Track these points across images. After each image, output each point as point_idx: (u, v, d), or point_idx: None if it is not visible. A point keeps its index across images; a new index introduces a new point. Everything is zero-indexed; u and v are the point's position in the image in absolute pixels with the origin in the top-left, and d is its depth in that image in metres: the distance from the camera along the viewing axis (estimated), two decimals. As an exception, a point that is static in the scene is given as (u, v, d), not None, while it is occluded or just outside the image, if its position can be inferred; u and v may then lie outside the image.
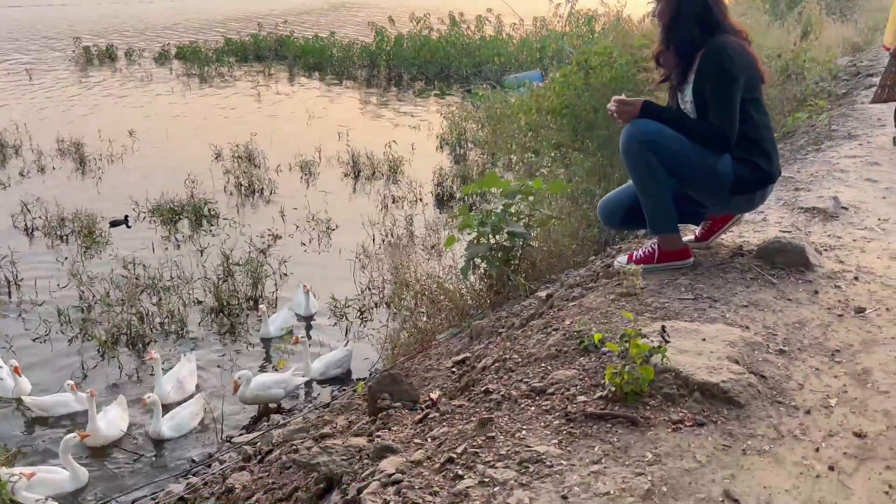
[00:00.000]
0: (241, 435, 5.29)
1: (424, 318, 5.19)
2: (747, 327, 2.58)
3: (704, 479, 1.87)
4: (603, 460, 1.95)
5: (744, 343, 2.43)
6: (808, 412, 2.16)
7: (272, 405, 5.74)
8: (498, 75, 17.46)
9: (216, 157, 11.61)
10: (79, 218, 8.76)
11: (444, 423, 2.31)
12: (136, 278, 7.25)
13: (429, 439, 2.24)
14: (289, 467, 3.20)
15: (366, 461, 2.24)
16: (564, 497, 1.81)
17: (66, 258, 7.87)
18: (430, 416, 2.43)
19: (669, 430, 2.05)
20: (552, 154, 7.65)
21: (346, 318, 6.84)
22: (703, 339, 2.43)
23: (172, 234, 8.80)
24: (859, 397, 2.23)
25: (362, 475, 2.15)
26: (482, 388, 2.46)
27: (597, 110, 6.63)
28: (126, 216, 9.08)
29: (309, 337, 6.52)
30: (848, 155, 5.12)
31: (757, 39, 8.53)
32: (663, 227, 3.17)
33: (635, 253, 3.28)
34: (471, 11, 23.33)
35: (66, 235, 8.64)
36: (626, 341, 2.22)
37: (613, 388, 2.17)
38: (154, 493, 4.51)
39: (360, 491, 2.04)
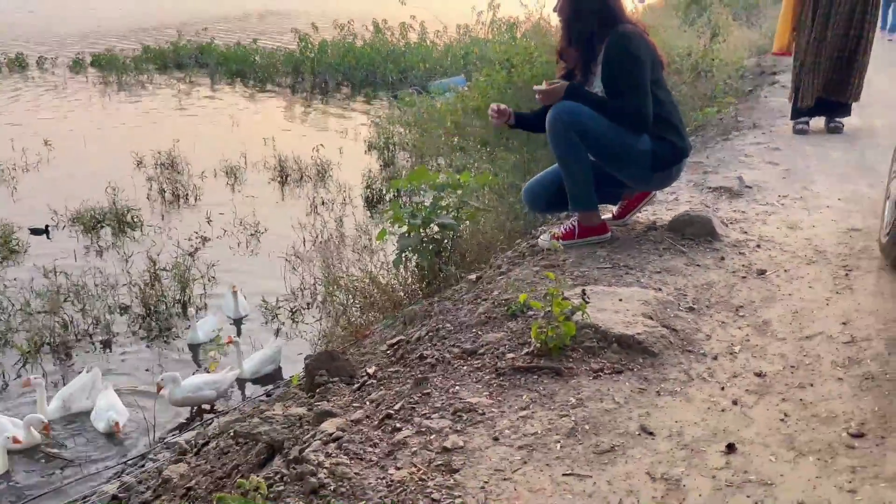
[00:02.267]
0: (173, 435, 5.23)
1: (357, 313, 5.25)
2: (660, 289, 2.79)
3: (622, 417, 2.03)
4: (531, 406, 2.09)
5: (657, 302, 2.63)
6: (714, 358, 2.36)
7: (205, 406, 5.68)
8: (423, 81, 17.63)
9: (137, 165, 11.32)
10: (-7, 228, 8.43)
11: (382, 388, 2.41)
12: (58, 287, 7.04)
13: (367, 402, 2.34)
14: (227, 452, 3.22)
15: (307, 427, 2.32)
16: (496, 439, 1.94)
17: (-19, 269, 7.58)
18: (367, 384, 2.53)
19: (590, 378, 2.21)
20: (478, 152, 7.84)
21: (278, 319, 6.82)
22: (620, 300, 2.62)
23: (95, 242, 8.54)
24: (760, 344, 2.45)
25: (304, 439, 2.23)
26: (417, 355, 2.57)
27: (520, 107, 6.84)
28: (46, 226, 8.77)
29: (239, 336, 6.46)
30: (752, 142, 5.48)
31: (669, 41, 8.99)
32: (584, 204, 3.36)
33: (557, 229, 3.46)
34: (394, 18, 23.42)
35: (-20, 247, 8.29)
36: (550, 301, 2.38)
37: (539, 344, 2.32)
38: (84, 496, 4.41)
39: (301, 451, 2.12)
